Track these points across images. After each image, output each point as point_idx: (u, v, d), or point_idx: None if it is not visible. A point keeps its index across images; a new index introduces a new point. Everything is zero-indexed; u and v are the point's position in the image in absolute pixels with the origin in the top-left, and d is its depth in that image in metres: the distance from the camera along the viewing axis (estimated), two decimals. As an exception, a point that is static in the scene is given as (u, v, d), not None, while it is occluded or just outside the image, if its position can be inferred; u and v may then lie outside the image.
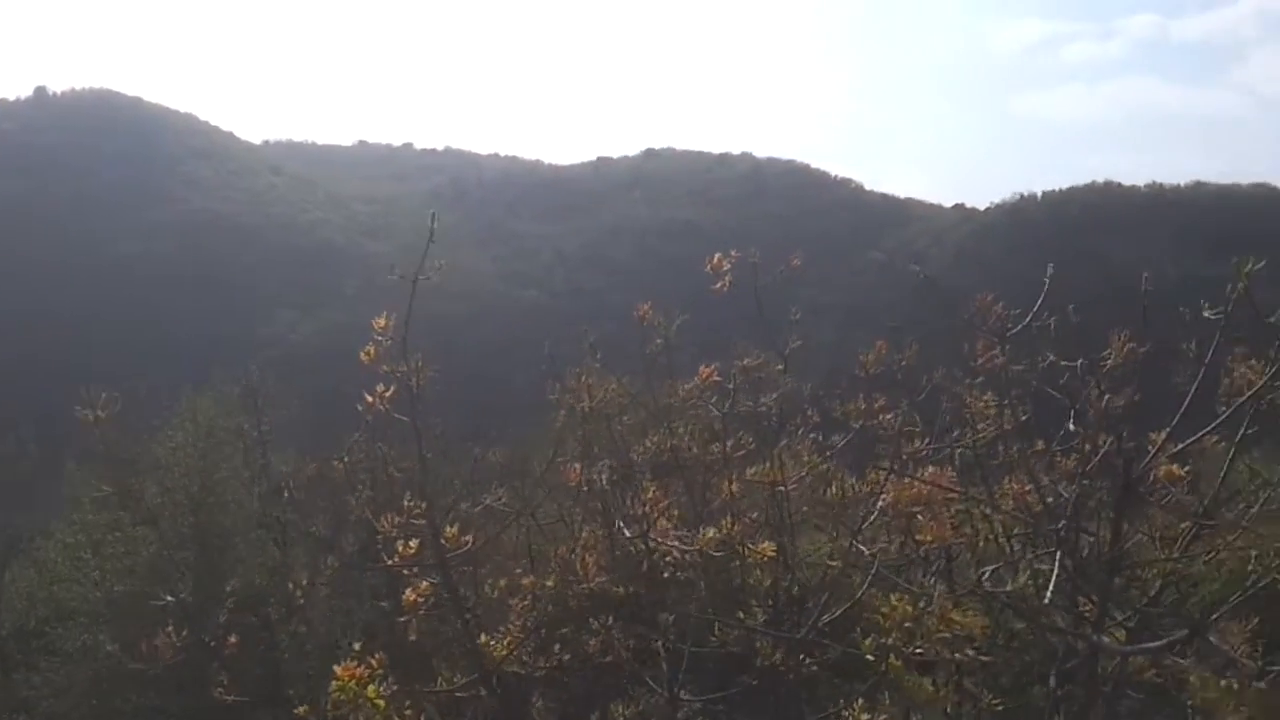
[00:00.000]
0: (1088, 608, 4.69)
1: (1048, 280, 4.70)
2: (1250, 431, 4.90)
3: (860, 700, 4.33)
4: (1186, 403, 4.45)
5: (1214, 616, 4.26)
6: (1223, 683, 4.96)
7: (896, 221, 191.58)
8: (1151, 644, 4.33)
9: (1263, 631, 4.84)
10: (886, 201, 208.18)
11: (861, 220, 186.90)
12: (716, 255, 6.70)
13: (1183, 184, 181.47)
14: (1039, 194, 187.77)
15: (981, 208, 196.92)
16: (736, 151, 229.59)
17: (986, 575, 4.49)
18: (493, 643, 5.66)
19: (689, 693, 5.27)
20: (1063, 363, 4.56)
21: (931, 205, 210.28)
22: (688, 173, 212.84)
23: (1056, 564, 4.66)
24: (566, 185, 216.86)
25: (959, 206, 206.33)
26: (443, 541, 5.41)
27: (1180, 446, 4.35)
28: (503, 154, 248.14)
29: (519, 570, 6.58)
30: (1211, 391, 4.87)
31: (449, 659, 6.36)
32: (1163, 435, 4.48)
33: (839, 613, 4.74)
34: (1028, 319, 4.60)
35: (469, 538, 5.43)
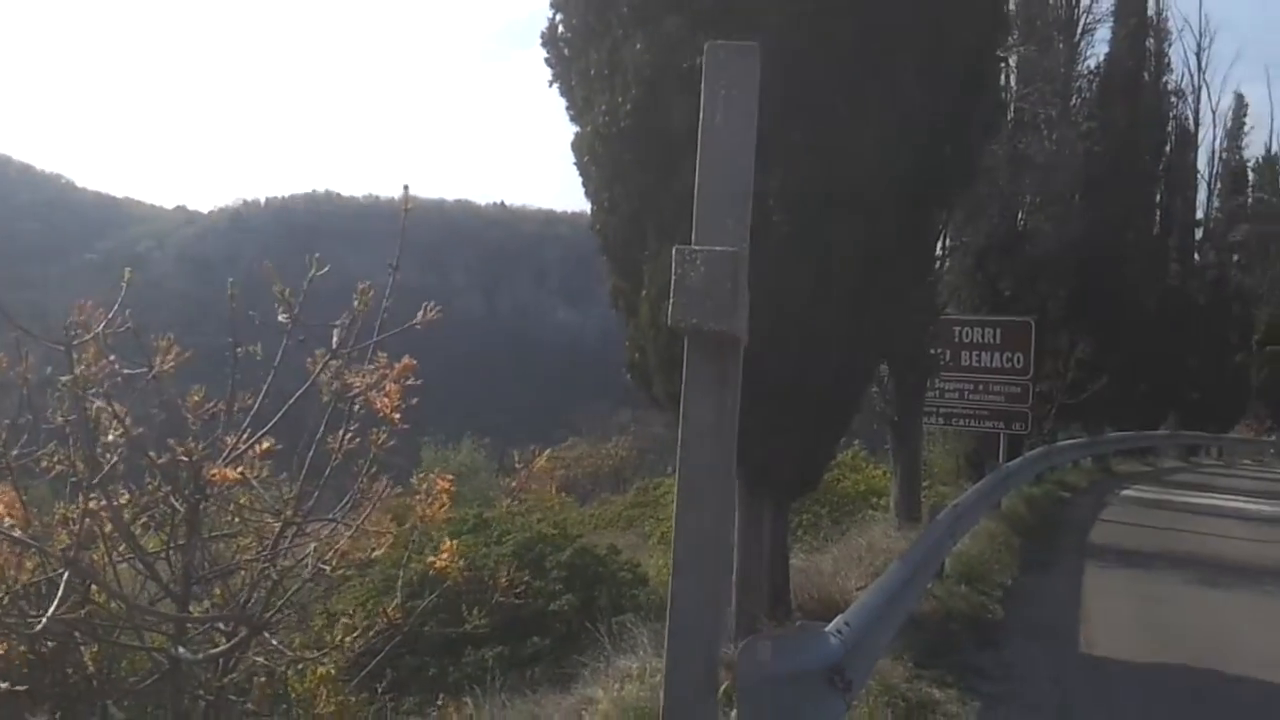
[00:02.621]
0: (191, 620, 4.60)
1: (125, 284, 4.50)
2: (353, 429, 5.23)
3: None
4: (257, 404, 4.57)
5: (270, 614, 4.43)
6: (320, 671, 5.28)
7: (114, 222, 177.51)
8: (217, 650, 4.38)
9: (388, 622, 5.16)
10: (101, 200, 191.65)
11: (74, 218, 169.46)
12: None
13: (396, 197, 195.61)
14: (263, 199, 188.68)
15: (205, 210, 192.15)
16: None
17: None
18: None
19: None
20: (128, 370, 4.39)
21: (152, 206, 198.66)
22: None
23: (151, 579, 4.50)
24: None
25: (181, 208, 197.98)
26: None
27: (243, 449, 4.45)
28: None
29: None
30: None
31: None
32: (238, 439, 4.55)
33: None
34: (121, 324, 4.34)
35: None
